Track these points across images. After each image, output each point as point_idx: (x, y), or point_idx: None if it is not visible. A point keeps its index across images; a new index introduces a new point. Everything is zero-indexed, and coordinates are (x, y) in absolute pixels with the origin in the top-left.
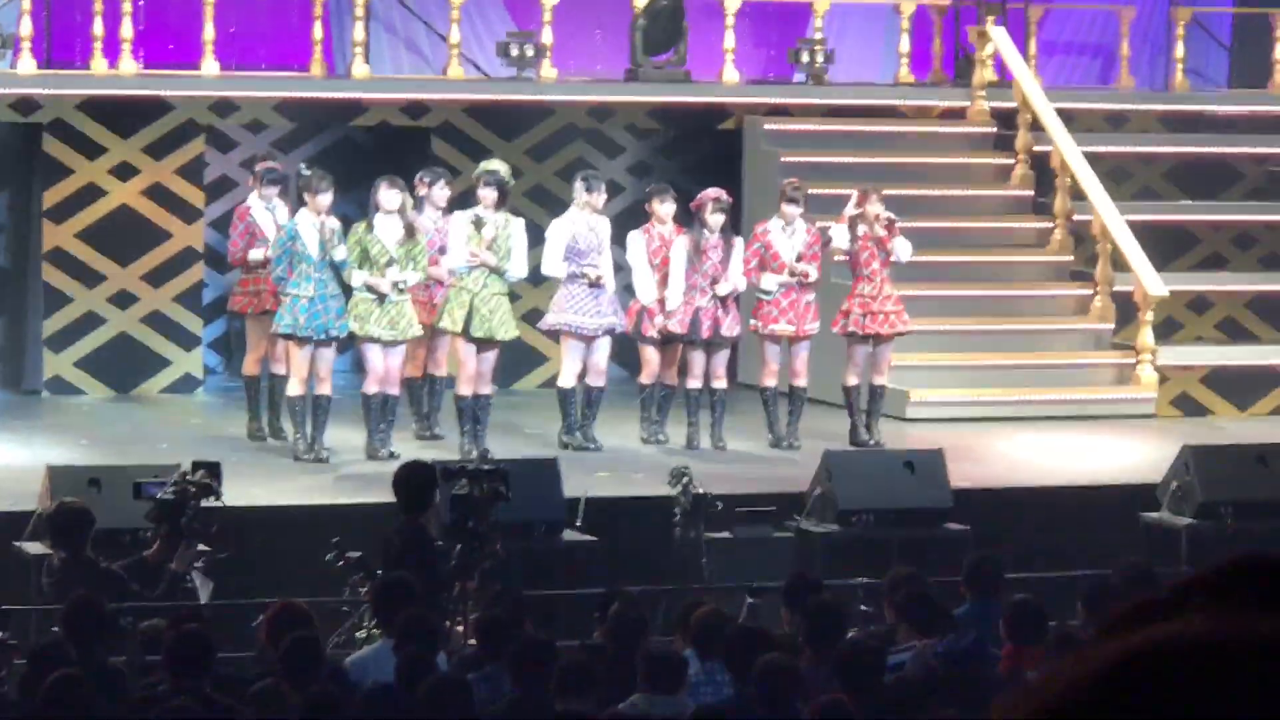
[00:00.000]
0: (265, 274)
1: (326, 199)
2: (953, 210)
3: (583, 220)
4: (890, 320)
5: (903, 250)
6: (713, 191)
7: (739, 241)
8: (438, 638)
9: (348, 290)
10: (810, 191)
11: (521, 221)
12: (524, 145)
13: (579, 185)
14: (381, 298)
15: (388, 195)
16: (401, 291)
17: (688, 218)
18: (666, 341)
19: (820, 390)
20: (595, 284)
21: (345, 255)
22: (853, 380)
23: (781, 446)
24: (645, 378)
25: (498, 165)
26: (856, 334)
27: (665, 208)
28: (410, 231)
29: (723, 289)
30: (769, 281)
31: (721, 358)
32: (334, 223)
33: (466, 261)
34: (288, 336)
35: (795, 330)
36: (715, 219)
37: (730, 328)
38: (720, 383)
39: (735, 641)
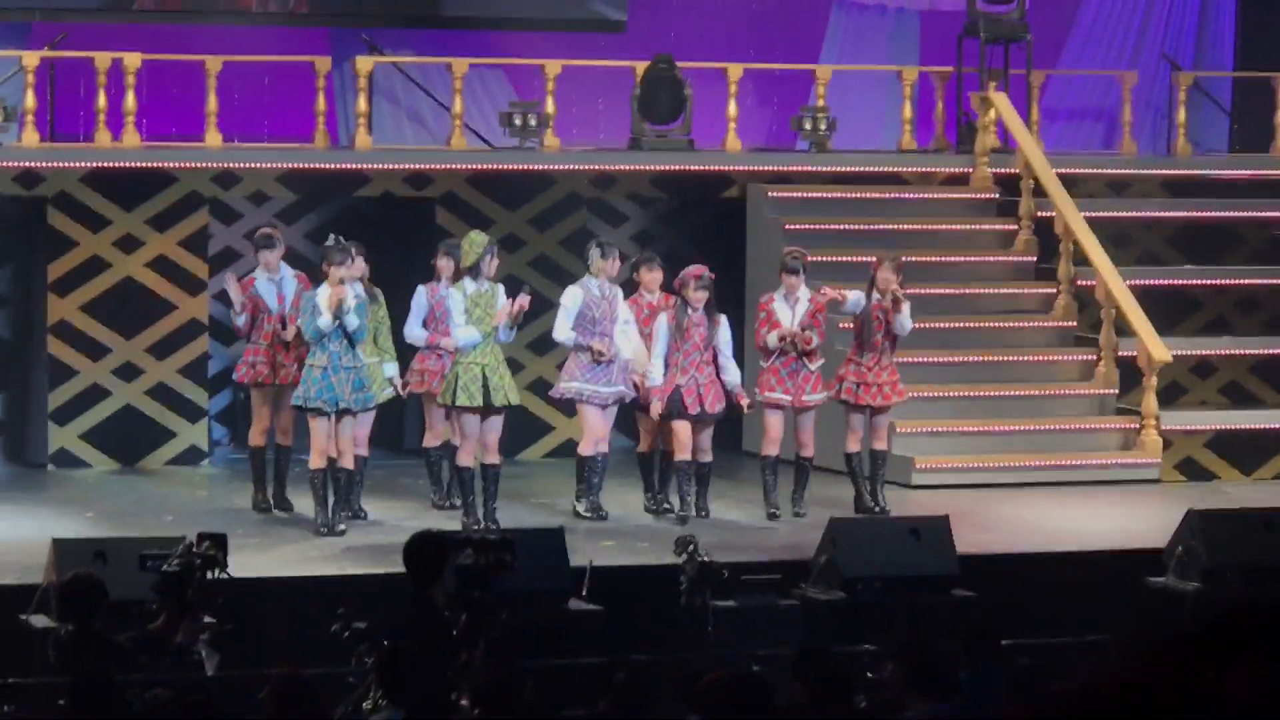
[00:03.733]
0: (264, 345)
1: (339, 271)
2: (956, 276)
3: (596, 287)
4: (884, 392)
5: (903, 325)
6: (695, 269)
7: (724, 321)
8: (446, 708)
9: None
10: (814, 259)
11: (501, 287)
12: (527, 214)
13: (594, 252)
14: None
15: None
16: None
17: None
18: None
19: (824, 458)
20: (598, 359)
21: (358, 323)
22: (853, 447)
23: (776, 518)
24: (644, 447)
25: (474, 237)
26: (850, 403)
27: (652, 276)
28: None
29: (730, 380)
30: (771, 339)
31: (707, 434)
32: (356, 291)
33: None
34: (300, 409)
35: (793, 400)
36: (698, 296)
37: (713, 404)
38: (705, 457)
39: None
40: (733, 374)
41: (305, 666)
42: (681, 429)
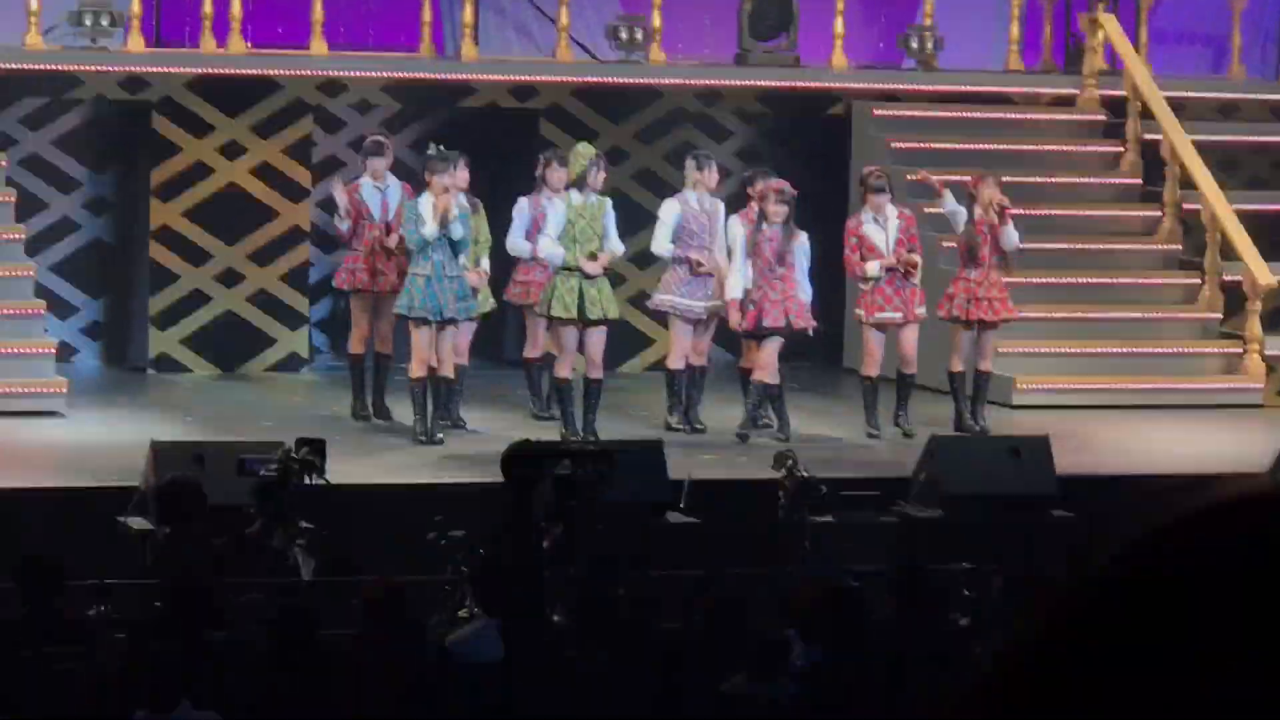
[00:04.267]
0: (365, 252)
1: (443, 180)
2: (1061, 198)
3: (694, 200)
4: (994, 307)
5: (1010, 239)
6: (776, 182)
7: (803, 237)
8: (540, 615)
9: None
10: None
11: (609, 201)
12: (632, 128)
13: (689, 164)
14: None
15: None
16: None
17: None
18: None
19: (925, 376)
20: (696, 271)
21: (462, 233)
22: (958, 366)
23: (880, 436)
24: (745, 363)
25: (582, 149)
26: (960, 319)
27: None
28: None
29: (804, 294)
30: (873, 269)
31: (769, 350)
32: (459, 201)
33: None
34: (402, 317)
35: (903, 316)
36: (777, 210)
37: (776, 320)
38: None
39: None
40: (805, 292)
41: (401, 574)
42: (749, 346)
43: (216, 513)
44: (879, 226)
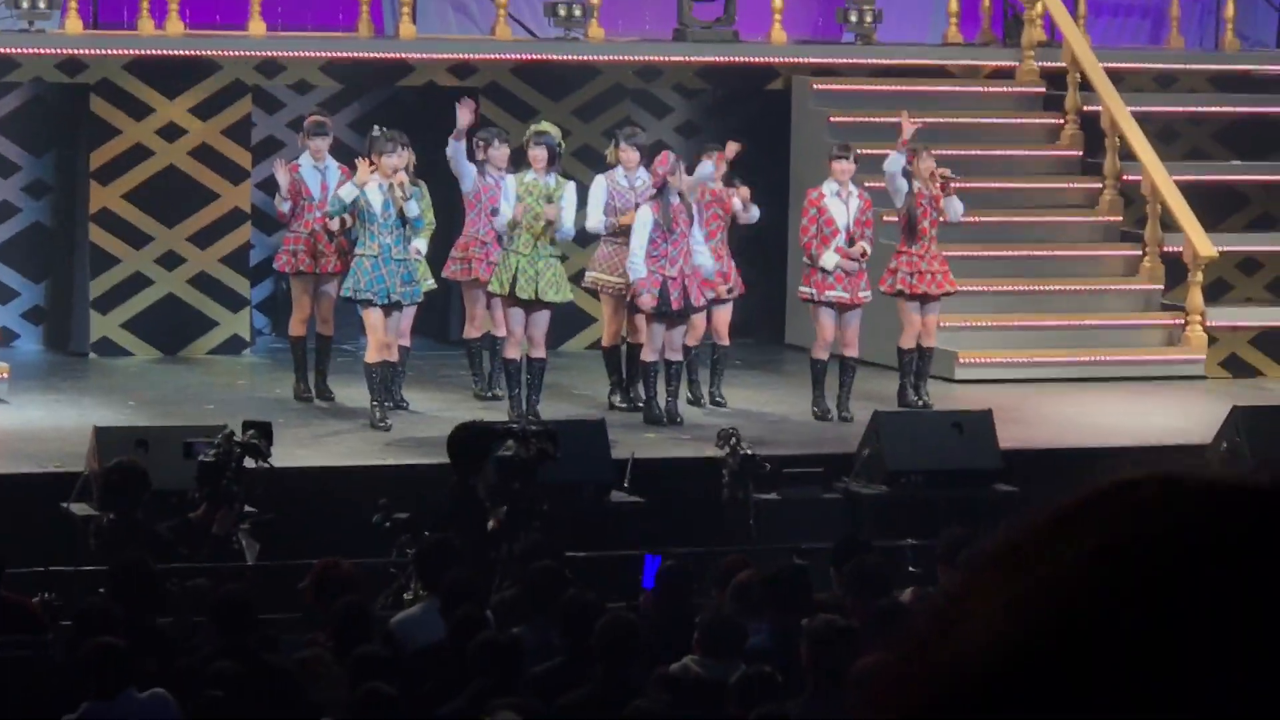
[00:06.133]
0: (305, 234)
1: (392, 160)
2: (1001, 171)
3: (621, 177)
4: (937, 280)
5: (954, 209)
6: (673, 154)
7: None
8: (484, 598)
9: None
10: (859, 152)
11: (573, 184)
12: (571, 105)
13: (610, 143)
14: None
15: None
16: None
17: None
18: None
19: (868, 352)
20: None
21: (417, 211)
22: (910, 344)
23: (828, 419)
24: (690, 340)
25: (548, 127)
26: (905, 293)
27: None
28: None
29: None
30: (829, 260)
31: (679, 331)
32: (403, 180)
33: (512, 218)
34: (348, 300)
35: (850, 298)
36: (686, 181)
37: (698, 297)
38: (676, 355)
39: (781, 600)
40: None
41: (346, 556)
42: (657, 327)
43: (160, 497)
44: (841, 202)
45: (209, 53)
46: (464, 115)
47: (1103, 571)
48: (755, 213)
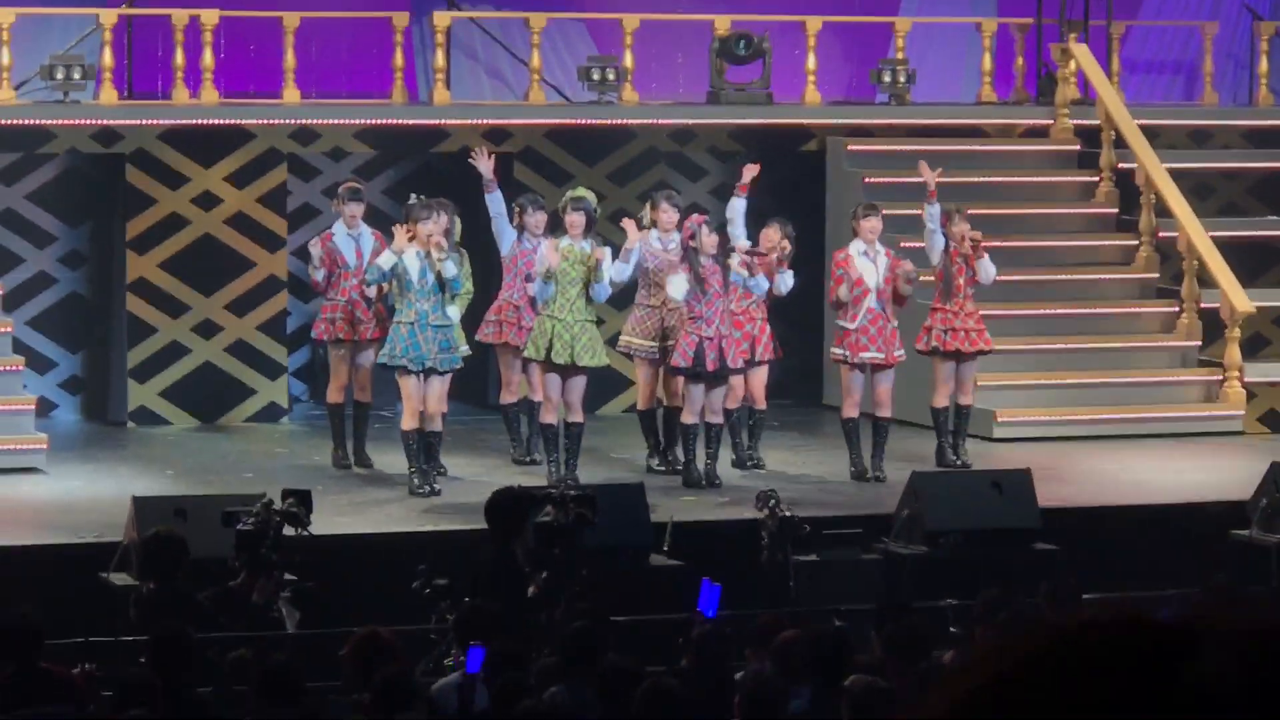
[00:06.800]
0: (343, 302)
1: (428, 227)
2: (1037, 229)
3: (655, 240)
4: (971, 338)
5: (986, 273)
6: (699, 216)
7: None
8: (524, 663)
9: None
10: (893, 212)
11: (609, 249)
12: (606, 169)
13: (645, 205)
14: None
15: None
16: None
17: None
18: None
19: (904, 411)
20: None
21: (454, 272)
22: (942, 401)
23: (866, 479)
24: (730, 402)
25: (585, 192)
26: (939, 350)
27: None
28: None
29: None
30: (843, 292)
31: (719, 393)
32: (439, 242)
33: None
34: (385, 366)
35: (884, 358)
36: (710, 241)
37: (735, 359)
38: (716, 418)
39: (822, 663)
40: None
41: (387, 623)
42: (695, 388)
43: (200, 566)
44: (869, 261)
45: (243, 121)
46: (482, 163)
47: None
48: (789, 279)
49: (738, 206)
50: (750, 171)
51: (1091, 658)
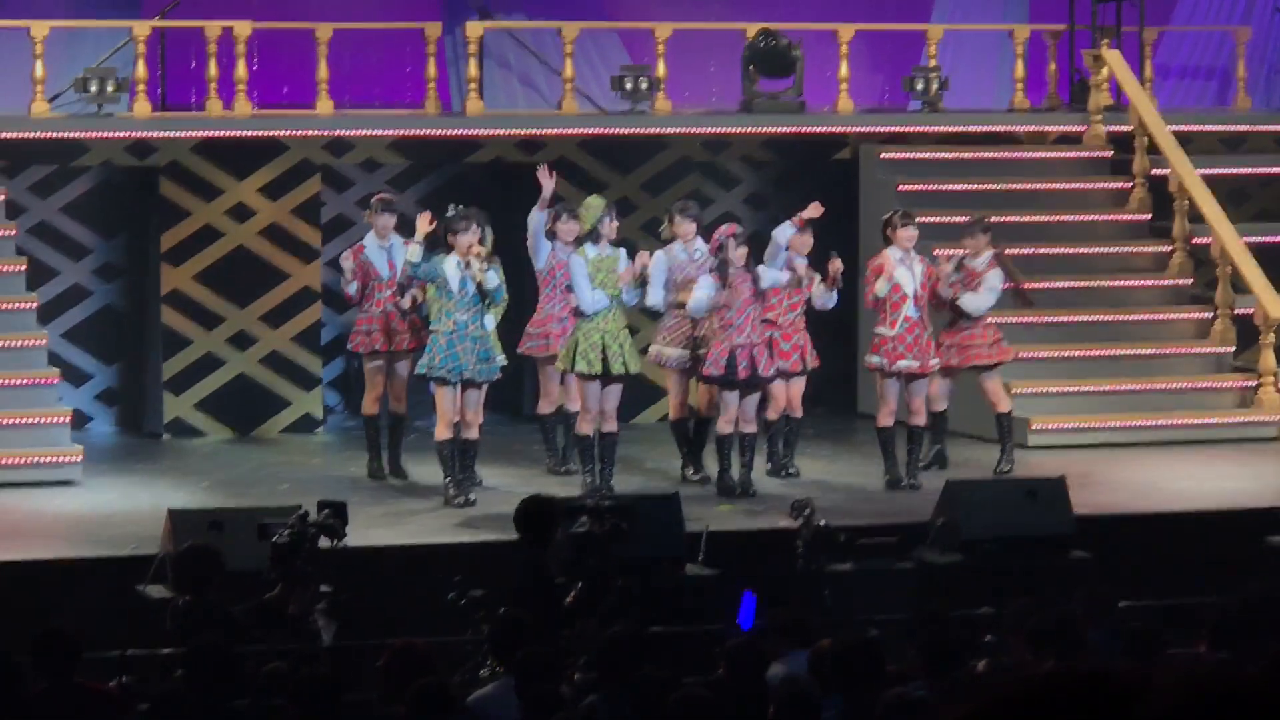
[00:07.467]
0: (378, 314)
1: (466, 238)
2: (1070, 235)
3: (680, 251)
4: (989, 353)
5: (976, 305)
6: (729, 227)
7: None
8: (559, 674)
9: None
10: (926, 219)
11: (624, 250)
12: (639, 178)
13: (667, 217)
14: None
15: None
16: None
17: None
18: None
19: (951, 422)
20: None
21: (497, 284)
22: (1004, 407)
23: (901, 487)
24: (771, 413)
25: (592, 200)
26: (955, 367)
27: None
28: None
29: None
30: (882, 287)
31: (752, 401)
32: (480, 252)
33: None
34: (423, 377)
35: (920, 366)
36: (740, 253)
37: (766, 368)
38: (749, 427)
39: (855, 673)
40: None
41: (422, 635)
42: (730, 396)
43: (236, 579)
44: (906, 269)
45: (277, 133)
46: (546, 182)
47: None
48: (833, 299)
49: (786, 232)
50: (814, 211)
51: (1053, 703)
